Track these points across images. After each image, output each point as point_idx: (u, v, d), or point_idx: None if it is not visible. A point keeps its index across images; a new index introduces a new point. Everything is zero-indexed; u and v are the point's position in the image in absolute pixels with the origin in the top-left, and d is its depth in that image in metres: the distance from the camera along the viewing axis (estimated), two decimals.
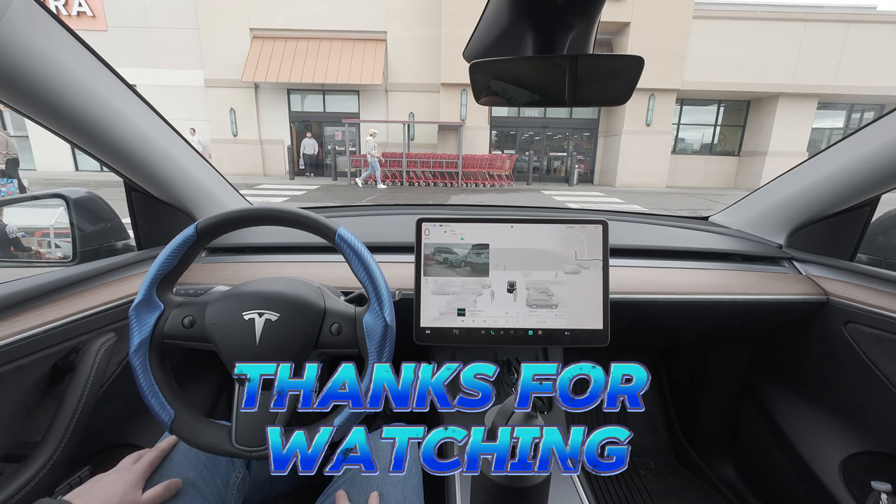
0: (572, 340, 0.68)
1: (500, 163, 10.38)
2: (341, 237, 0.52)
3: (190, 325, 0.51)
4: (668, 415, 1.32)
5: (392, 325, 0.52)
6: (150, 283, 0.51)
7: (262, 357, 0.48)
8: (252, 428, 0.50)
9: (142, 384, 0.50)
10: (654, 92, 10.33)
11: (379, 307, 0.51)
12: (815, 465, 0.85)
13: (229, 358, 0.50)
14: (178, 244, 0.52)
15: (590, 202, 8.19)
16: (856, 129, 0.77)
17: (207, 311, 0.52)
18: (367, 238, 0.70)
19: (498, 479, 0.43)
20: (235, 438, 0.50)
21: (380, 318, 0.51)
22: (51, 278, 0.62)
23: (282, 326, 0.50)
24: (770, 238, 0.99)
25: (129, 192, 0.79)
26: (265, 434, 0.41)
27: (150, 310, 0.51)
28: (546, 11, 0.45)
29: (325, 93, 11.39)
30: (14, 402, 0.55)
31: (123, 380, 0.69)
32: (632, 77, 0.49)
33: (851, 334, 0.79)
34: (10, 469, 0.54)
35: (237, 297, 0.52)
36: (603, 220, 0.68)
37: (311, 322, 0.52)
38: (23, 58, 0.47)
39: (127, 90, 0.64)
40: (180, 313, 0.52)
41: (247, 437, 0.50)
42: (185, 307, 0.53)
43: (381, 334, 0.51)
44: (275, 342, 0.50)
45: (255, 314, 0.50)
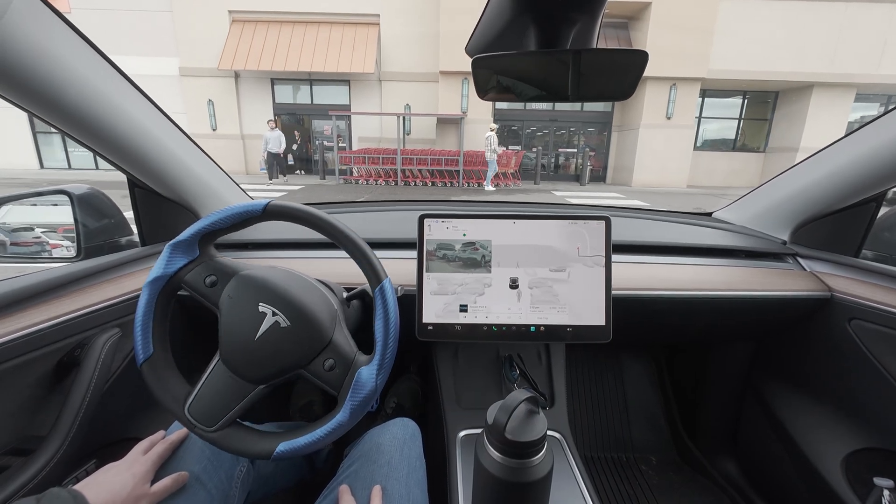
0: (574, 337, 0.74)
1: (505, 160, 10.37)
2: (383, 289, 0.56)
3: (211, 284, 0.57)
4: (670, 411, 1.41)
5: (378, 389, 0.56)
6: (198, 231, 0.57)
7: (252, 354, 0.54)
8: (209, 407, 0.55)
9: (139, 313, 0.55)
10: (675, 81, 10.39)
11: (378, 367, 0.55)
12: (817, 461, 0.91)
13: (225, 336, 0.55)
14: (241, 211, 0.57)
15: (610, 206, 8.26)
16: (863, 124, 0.84)
17: (232, 282, 0.57)
18: (370, 234, 0.76)
19: (500, 474, 0.47)
20: (189, 407, 0.55)
21: (373, 379, 0.55)
22: (55, 274, 0.68)
23: (285, 336, 0.55)
24: (774, 234, 1.07)
25: (132, 189, 0.86)
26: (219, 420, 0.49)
27: (185, 254, 0.57)
28: (549, 6, 0.49)
29: (313, 83, 11.53)
30: (20, 397, 0.60)
31: (128, 375, 0.75)
32: (636, 72, 0.53)
33: (855, 331, 0.86)
34: (17, 463, 0.59)
35: (262, 287, 0.56)
36: (606, 215, 0.75)
37: (311, 346, 0.56)
38: (26, 54, 0.52)
39: (129, 86, 0.70)
40: (207, 269, 0.58)
41: (201, 411, 0.55)
42: (215, 266, 0.58)
43: (366, 394, 0.54)
44: (271, 345, 0.54)
45: (269, 311, 0.55)
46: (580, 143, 12.39)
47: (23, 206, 0.91)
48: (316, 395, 1.28)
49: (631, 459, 1.34)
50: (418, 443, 0.74)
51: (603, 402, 1.43)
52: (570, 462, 0.75)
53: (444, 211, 0.76)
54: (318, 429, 0.54)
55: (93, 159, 11.95)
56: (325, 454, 0.99)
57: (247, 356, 0.54)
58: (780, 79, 10.57)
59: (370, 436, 0.72)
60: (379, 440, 0.69)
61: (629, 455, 1.35)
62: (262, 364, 0.54)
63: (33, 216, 0.99)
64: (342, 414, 0.54)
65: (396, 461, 0.66)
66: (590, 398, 1.44)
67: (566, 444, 0.80)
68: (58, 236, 0.85)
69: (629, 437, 1.39)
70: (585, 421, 1.40)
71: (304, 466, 0.90)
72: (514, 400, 0.47)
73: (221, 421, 0.54)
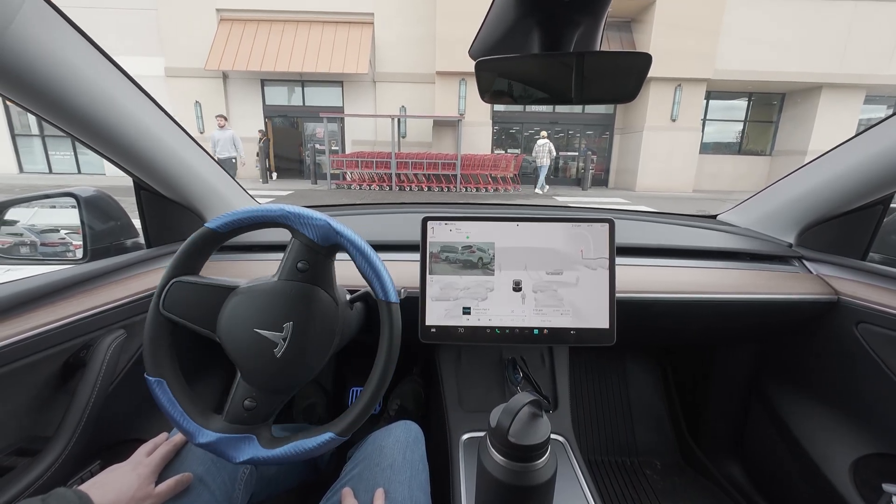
0: (578, 339, 0.77)
1: (504, 163, 10.46)
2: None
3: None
4: (674, 414, 1.45)
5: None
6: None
7: (274, 373, 0.57)
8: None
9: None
10: (680, 82, 10.55)
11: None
12: (824, 466, 0.94)
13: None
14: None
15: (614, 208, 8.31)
16: (870, 126, 0.86)
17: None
18: (373, 236, 0.79)
19: (503, 478, 0.49)
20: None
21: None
22: (63, 276, 0.71)
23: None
24: (780, 237, 1.10)
25: (137, 191, 0.91)
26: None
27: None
28: (552, 8, 0.52)
29: (305, 84, 11.63)
30: (27, 398, 0.63)
31: (133, 376, 0.79)
32: (639, 74, 0.56)
33: (863, 335, 0.88)
34: (23, 463, 0.61)
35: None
36: (609, 218, 0.78)
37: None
38: (34, 59, 0.55)
39: (136, 89, 0.74)
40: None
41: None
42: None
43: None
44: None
45: (269, 335, 0.57)
46: (581, 146, 12.53)
47: (30, 208, 0.95)
48: (319, 396, 1.32)
49: (635, 463, 1.37)
50: (421, 446, 0.76)
51: (607, 405, 1.47)
52: (574, 466, 0.78)
53: (448, 213, 0.79)
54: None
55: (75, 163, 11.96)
56: (328, 456, 1.02)
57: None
58: (788, 79, 10.72)
59: (373, 438, 0.75)
60: (382, 443, 0.72)
61: (633, 459, 1.39)
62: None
63: (47, 218, 1.04)
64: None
65: (399, 464, 0.69)
66: (593, 401, 1.47)
67: (570, 447, 0.83)
68: (80, 237, 0.91)
69: (633, 441, 1.43)
70: (589, 424, 1.44)
71: (308, 468, 0.93)
72: (517, 403, 0.49)
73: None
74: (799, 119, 11.58)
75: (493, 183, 10.55)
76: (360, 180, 10.56)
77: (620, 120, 12.12)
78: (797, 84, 11.03)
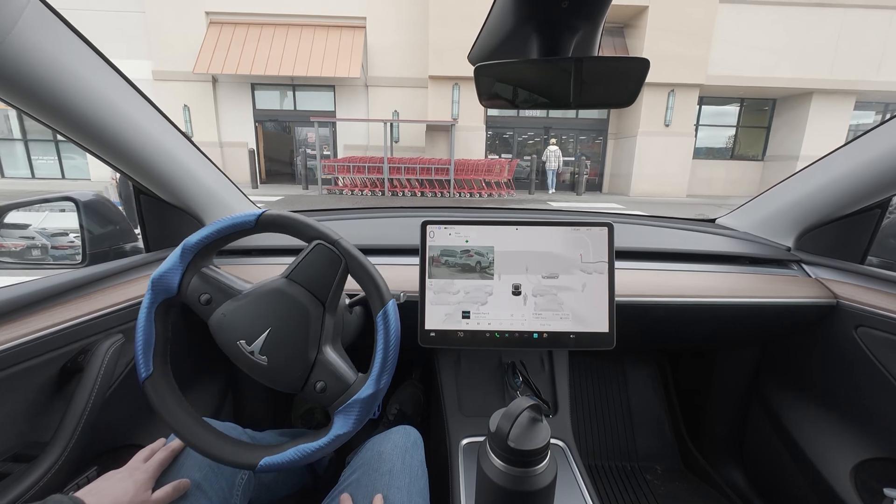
0: (577, 343, 0.78)
1: (498, 168, 10.55)
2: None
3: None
4: (674, 418, 1.47)
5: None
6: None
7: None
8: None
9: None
10: (674, 88, 10.74)
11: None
12: (825, 471, 0.95)
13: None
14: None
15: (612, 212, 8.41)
16: (867, 130, 0.88)
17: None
18: (372, 240, 0.80)
19: (503, 483, 0.49)
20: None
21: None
22: (60, 280, 0.72)
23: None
24: (778, 240, 1.13)
25: (137, 196, 0.92)
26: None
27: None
28: (551, 14, 0.53)
29: (296, 88, 11.65)
30: (23, 403, 0.63)
31: (130, 381, 0.78)
32: (637, 79, 0.57)
33: (862, 338, 0.90)
34: (19, 469, 0.61)
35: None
36: (608, 222, 0.79)
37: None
38: (35, 64, 0.56)
39: (136, 94, 0.76)
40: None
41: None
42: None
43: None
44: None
45: (246, 349, 0.58)
46: (576, 151, 12.66)
47: (29, 212, 0.96)
48: (316, 402, 1.33)
49: (635, 468, 1.39)
50: (420, 451, 0.77)
51: (607, 409, 1.49)
52: (574, 471, 0.79)
53: (447, 217, 0.80)
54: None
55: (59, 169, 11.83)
56: (326, 462, 1.03)
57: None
58: (780, 85, 10.97)
59: (372, 444, 0.75)
60: (381, 448, 0.73)
61: (633, 464, 1.40)
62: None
63: (56, 221, 1.07)
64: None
65: (398, 470, 0.69)
66: (593, 406, 1.48)
67: (570, 452, 0.84)
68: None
69: (633, 446, 1.44)
70: (589, 429, 1.45)
71: (306, 474, 0.93)
72: (517, 407, 0.49)
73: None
74: (791, 125, 11.83)
75: (487, 188, 10.61)
76: (351, 185, 10.57)
77: (614, 125, 12.28)
78: (788, 90, 11.28)
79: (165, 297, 0.61)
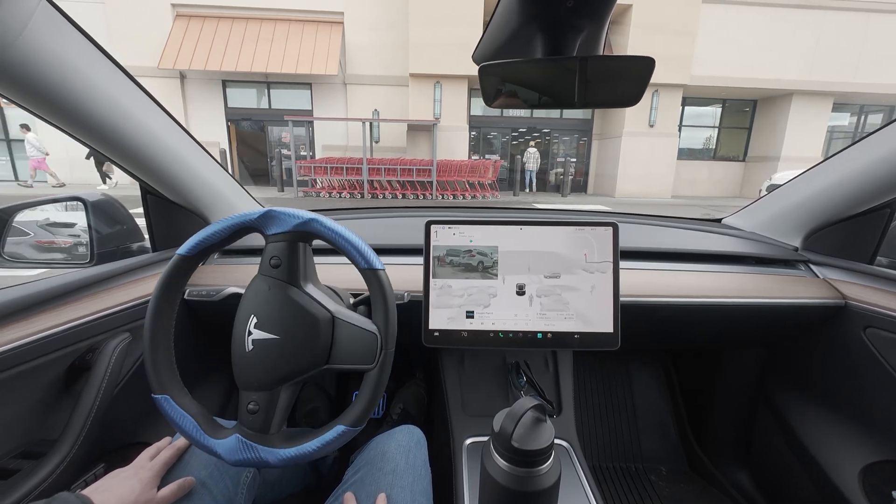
0: (582, 344, 0.80)
1: (482, 169, 10.58)
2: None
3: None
4: (679, 420, 1.50)
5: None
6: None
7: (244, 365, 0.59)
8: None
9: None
10: (658, 88, 11.03)
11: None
12: (833, 473, 0.97)
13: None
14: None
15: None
16: (877, 129, 0.90)
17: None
18: (376, 240, 0.82)
19: (507, 483, 0.51)
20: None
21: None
22: (69, 279, 0.75)
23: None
24: (785, 240, 1.15)
25: (144, 196, 0.96)
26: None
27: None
28: (555, 13, 0.55)
29: (270, 85, 11.52)
30: (32, 400, 0.67)
31: (137, 380, 0.83)
32: (642, 78, 0.59)
33: (871, 339, 0.91)
34: (28, 466, 0.64)
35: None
36: (613, 222, 0.82)
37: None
38: (45, 66, 0.59)
39: (143, 95, 0.79)
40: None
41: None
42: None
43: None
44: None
45: (253, 330, 0.59)
46: (560, 151, 12.90)
47: (38, 211, 1.01)
48: (321, 400, 1.35)
49: (640, 469, 1.42)
50: (424, 450, 0.80)
51: (611, 410, 1.52)
52: (578, 471, 0.81)
53: (451, 217, 0.82)
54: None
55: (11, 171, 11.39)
56: (330, 461, 1.05)
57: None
58: (762, 86, 11.41)
59: (375, 443, 0.78)
60: (384, 447, 0.75)
61: (638, 465, 1.43)
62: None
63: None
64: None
65: (401, 469, 0.72)
66: (598, 406, 1.53)
67: (574, 452, 0.86)
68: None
69: (638, 447, 1.47)
70: (593, 429, 1.49)
71: (310, 473, 0.95)
72: (520, 407, 0.51)
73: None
74: (771, 125, 12.32)
75: (471, 189, 10.63)
76: (329, 188, 10.48)
77: (599, 126, 12.53)
78: (769, 91, 11.74)
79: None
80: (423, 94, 10.89)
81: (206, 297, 0.90)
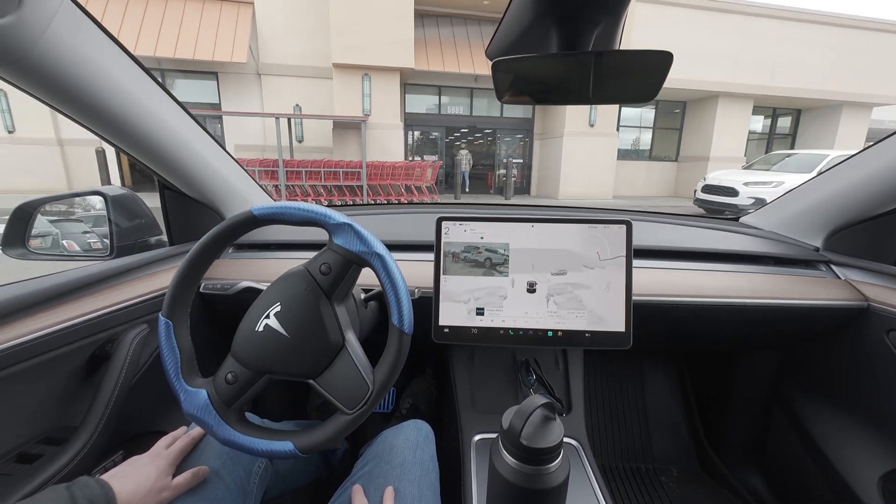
0: (593, 342, 0.86)
1: (418, 172, 10.53)
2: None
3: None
4: (692, 421, 1.58)
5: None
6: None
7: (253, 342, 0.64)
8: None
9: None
10: None
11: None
12: (851, 479, 1.01)
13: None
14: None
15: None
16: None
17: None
18: (387, 236, 0.85)
19: (515, 480, 0.54)
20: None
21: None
22: (89, 272, 0.84)
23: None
24: (806, 240, 1.19)
25: (162, 191, 1.06)
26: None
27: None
28: (571, 7, 0.57)
29: (165, 73, 10.76)
30: (55, 389, 0.75)
31: (155, 370, 0.90)
32: (660, 73, 0.62)
33: (894, 342, 0.94)
34: (50, 451, 0.72)
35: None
36: (627, 220, 0.86)
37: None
38: (68, 63, 0.64)
39: (162, 92, 0.85)
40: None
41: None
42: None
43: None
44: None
45: (272, 317, 0.63)
46: (503, 151, 13.39)
47: (61, 205, 1.12)
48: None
49: (651, 470, 1.49)
50: (432, 445, 0.86)
51: (622, 409, 1.60)
52: (587, 471, 0.87)
53: (462, 214, 0.89)
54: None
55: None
56: (340, 453, 1.11)
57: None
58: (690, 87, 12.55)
59: (384, 437, 0.84)
60: (393, 441, 0.82)
61: (649, 465, 1.51)
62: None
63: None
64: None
65: (409, 463, 0.78)
66: (608, 405, 1.61)
67: (583, 451, 0.92)
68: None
69: (649, 447, 1.55)
70: (603, 429, 1.57)
71: (321, 465, 1.02)
72: (530, 405, 0.53)
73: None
74: (700, 126, 13.69)
75: (408, 193, 10.57)
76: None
77: (540, 125, 13.17)
78: (697, 92, 13.00)
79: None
80: (349, 88, 10.70)
81: (220, 291, 0.99)
